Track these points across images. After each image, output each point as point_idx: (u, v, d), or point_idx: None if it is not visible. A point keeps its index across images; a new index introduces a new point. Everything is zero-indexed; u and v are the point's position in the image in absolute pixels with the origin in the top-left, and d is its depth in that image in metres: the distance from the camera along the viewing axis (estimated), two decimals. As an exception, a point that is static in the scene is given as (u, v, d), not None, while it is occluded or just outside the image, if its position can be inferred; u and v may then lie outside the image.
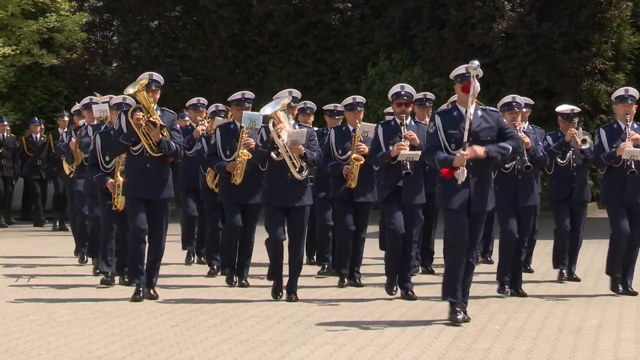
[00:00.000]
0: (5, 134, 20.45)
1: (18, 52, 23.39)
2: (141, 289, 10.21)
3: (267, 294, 10.51)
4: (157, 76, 10.33)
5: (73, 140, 12.96)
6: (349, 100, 11.37)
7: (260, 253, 11.74)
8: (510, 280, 10.50)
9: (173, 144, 10.15)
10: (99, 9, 25.07)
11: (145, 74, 10.29)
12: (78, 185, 12.85)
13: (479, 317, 9.16)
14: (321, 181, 11.85)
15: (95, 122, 12.42)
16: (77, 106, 14.27)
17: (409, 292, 10.27)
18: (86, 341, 8.13)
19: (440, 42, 22.21)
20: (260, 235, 11.04)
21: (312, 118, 12.47)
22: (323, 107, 12.55)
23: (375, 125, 10.67)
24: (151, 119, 10.01)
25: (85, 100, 13.16)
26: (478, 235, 9.05)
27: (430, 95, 12.31)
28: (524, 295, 10.46)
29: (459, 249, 8.72)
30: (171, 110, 10.64)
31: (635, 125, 10.46)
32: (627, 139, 10.24)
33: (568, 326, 8.88)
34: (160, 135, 10.04)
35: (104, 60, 25.56)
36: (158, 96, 10.28)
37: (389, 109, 12.34)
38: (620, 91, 10.64)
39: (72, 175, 13.74)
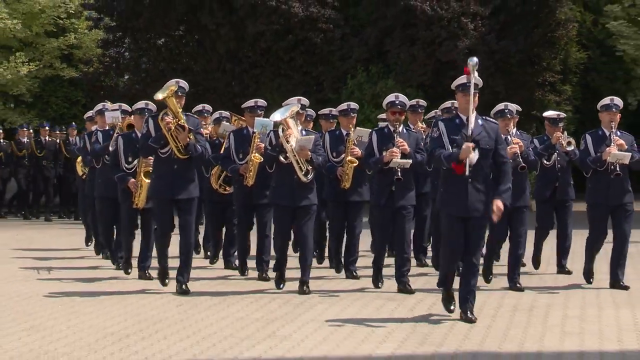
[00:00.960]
0: (46, 138, 20.24)
1: (41, 66, 23.42)
2: (166, 278, 9.89)
3: (261, 281, 10.49)
4: (183, 83, 9.77)
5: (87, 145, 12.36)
6: (343, 106, 10.91)
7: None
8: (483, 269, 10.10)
9: (199, 146, 9.64)
10: (113, 28, 25.04)
11: (173, 81, 9.75)
12: (96, 189, 11.89)
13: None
14: (316, 182, 11.35)
15: (107, 128, 11.83)
16: (90, 113, 13.86)
17: (407, 286, 9.73)
18: (102, 319, 8.15)
19: (411, 57, 22.23)
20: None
21: (311, 124, 12.06)
22: (318, 112, 12.25)
23: (370, 130, 10.28)
24: (180, 122, 9.50)
25: (98, 106, 12.61)
26: (480, 239, 8.30)
27: (422, 102, 11.91)
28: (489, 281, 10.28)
29: (454, 253, 8.22)
30: (195, 115, 10.11)
31: (619, 133, 10.08)
32: (612, 144, 9.86)
33: (522, 305, 8.93)
34: (188, 139, 9.56)
35: (117, 73, 25.48)
36: (184, 102, 9.71)
37: (383, 115, 11.96)
38: (606, 100, 10.16)
39: (84, 176, 13.34)
